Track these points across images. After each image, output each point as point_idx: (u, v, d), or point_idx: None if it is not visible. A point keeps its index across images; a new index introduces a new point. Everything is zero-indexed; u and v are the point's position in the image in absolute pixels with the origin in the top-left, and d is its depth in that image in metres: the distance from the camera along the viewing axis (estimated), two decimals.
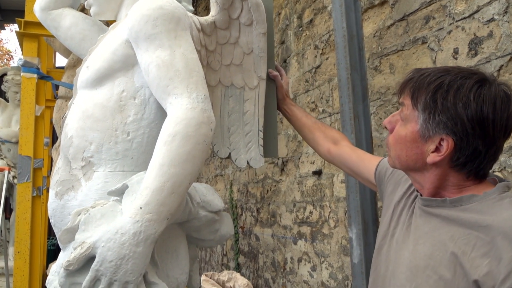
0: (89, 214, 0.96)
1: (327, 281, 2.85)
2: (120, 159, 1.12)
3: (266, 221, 3.77)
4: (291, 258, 3.33)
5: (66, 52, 3.02)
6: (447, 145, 0.83)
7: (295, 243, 3.28)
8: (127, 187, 1.02)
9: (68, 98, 3.02)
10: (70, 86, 2.86)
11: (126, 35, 1.12)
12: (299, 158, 3.25)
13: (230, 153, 1.33)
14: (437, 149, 0.84)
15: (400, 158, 0.90)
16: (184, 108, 1.01)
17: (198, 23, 1.23)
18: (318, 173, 2.97)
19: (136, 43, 1.09)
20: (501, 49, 1.65)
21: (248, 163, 1.35)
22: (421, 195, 0.92)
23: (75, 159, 1.13)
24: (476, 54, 1.75)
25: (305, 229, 3.13)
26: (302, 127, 1.45)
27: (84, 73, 1.18)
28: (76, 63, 2.91)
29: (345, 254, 2.66)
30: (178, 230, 1.22)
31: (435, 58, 1.96)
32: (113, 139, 1.11)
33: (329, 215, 2.84)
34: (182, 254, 1.23)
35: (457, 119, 0.81)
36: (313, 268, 3.02)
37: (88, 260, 0.92)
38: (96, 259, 0.90)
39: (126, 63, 1.13)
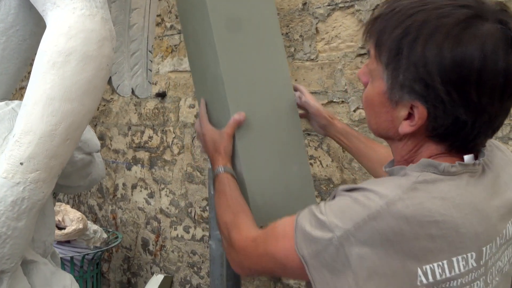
0: None
1: (167, 208, 2.75)
2: None
3: None
4: (124, 184, 3.09)
5: None
6: (418, 113, 0.64)
7: (129, 169, 3.04)
8: None
9: None
10: None
11: None
12: None
13: (110, 78, 1.03)
14: (410, 116, 0.66)
15: (371, 123, 0.74)
16: (79, 14, 0.69)
17: None
18: (161, 95, 2.72)
19: None
20: None
21: (133, 91, 1.07)
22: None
23: None
24: None
25: (142, 155, 2.91)
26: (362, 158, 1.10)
27: None
28: None
29: (189, 181, 2.57)
30: None
31: None
32: None
33: (172, 141, 2.67)
34: (49, 210, 0.93)
35: (427, 81, 0.61)
36: (151, 195, 2.87)
37: None
38: None
39: None
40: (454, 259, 0.61)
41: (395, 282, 0.61)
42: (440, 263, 0.61)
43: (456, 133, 0.64)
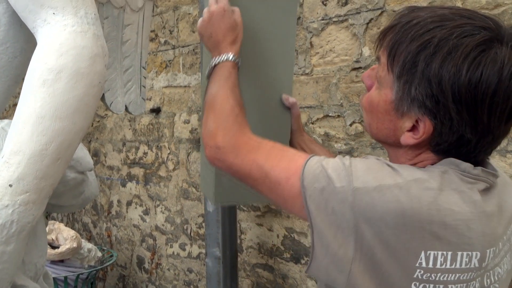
0: None
1: (163, 225, 2.71)
2: None
3: None
4: (118, 201, 3.06)
5: None
6: (424, 127, 0.64)
7: (124, 186, 3.00)
8: None
9: None
10: None
11: None
12: None
13: (104, 95, 1.01)
14: (414, 129, 0.65)
15: (371, 128, 0.73)
16: (70, 30, 0.67)
17: None
18: (156, 110, 2.70)
19: None
20: (372, 2, 1.66)
21: (126, 108, 1.06)
22: None
23: None
24: (346, 3, 1.73)
25: (137, 171, 2.88)
26: None
27: None
28: None
29: (185, 197, 2.54)
30: None
31: (303, 1, 1.88)
32: None
33: (168, 156, 2.65)
34: (41, 231, 0.90)
35: (440, 98, 0.60)
36: (146, 212, 2.83)
37: None
38: None
39: None
40: (459, 253, 0.61)
41: (394, 253, 0.60)
42: (445, 253, 0.61)
43: (458, 149, 0.65)
